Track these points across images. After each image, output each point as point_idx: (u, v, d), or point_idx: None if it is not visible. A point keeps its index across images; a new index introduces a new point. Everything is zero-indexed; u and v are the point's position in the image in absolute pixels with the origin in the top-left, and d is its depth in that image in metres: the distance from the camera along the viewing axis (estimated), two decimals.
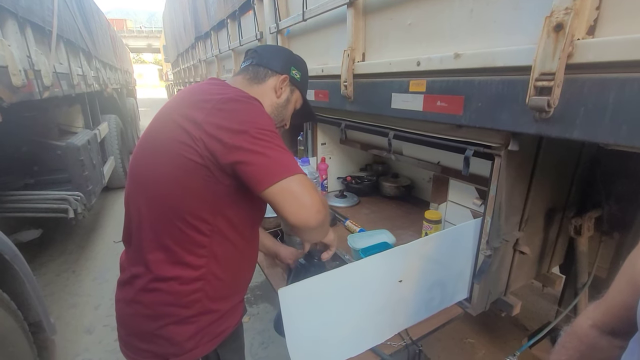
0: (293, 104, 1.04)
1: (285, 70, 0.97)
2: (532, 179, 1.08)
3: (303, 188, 0.69)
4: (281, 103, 0.98)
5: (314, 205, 0.69)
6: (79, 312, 2.31)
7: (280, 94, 0.97)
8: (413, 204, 2.06)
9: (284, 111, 1.00)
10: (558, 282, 1.35)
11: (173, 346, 0.77)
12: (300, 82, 1.03)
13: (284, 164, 0.69)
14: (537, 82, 0.74)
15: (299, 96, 1.05)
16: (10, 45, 1.52)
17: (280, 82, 0.96)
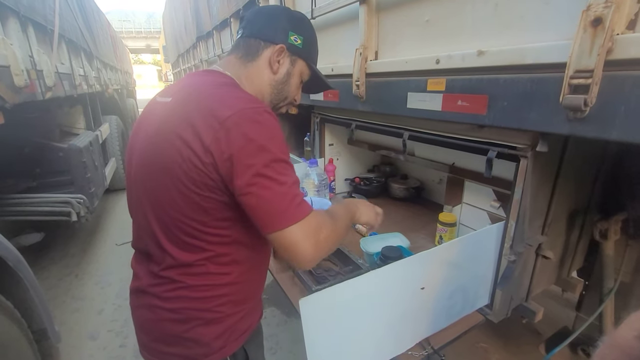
0: (297, 77, 0.87)
1: (281, 38, 0.81)
2: (557, 181, 1.04)
3: (305, 237, 0.64)
4: (280, 79, 0.84)
5: (315, 253, 0.66)
6: (82, 317, 2.27)
7: (278, 69, 0.83)
8: (423, 206, 2.02)
9: (285, 87, 0.86)
10: (579, 287, 1.31)
11: (202, 347, 0.76)
12: (303, 49, 0.85)
13: (288, 209, 0.63)
14: (572, 79, 0.70)
15: (304, 66, 0.88)
16: (13, 44, 1.48)
17: (276, 53, 0.81)
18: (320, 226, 0.67)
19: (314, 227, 0.66)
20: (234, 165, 0.62)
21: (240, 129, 0.62)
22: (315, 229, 0.66)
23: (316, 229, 0.66)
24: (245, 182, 0.62)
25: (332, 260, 1.43)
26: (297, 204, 0.64)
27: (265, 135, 0.64)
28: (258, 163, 0.62)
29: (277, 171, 0.64)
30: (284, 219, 0.63)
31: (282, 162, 0.65)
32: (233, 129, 0.62)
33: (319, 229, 0.67)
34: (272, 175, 0.63)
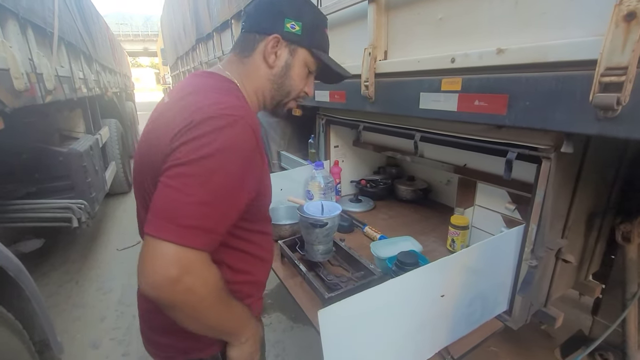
0: (301, 68, 0.79)
1: (275, 27, 0.74)
2: (578, 182, 1.00)
3: (168, 263, 0.54)
4: (278, 72, 0.77)
5: (159, 290, 0.54)
6: (84, 325, 2.22)
7: (274, 61, 0.76)
8: (431, 208, 1.99)
9: (286, 81, 0.78)
10: (597, 291, 1.28)
11: (193, 340, 0.74)
12: (303, 36, 0.76)
13: (175, 220, 0.55)
14: (603, 77, 0.67)
15: (307, 54, 0.78)
16: (12, 46, 1.44)
17: (270, 45, 0.74)
18: (195, 273, 0.56)
19: (186, 265, 0.54)
20: (172, 152, 0.58)
21: (200, 132, 0.58)
22: (185, 267, 0.54)
23: (189, 270, 0.55)
24: (167, 169, 0.58)
25: (343, 265, 1.40)
26: (184, 225, 0.55)
27: (214, 146, 0.57)
28: (183, 163, 0.57)
29: (190, 179, 0.56)
30: (157, 226, 0.55)
31: (206, 174, 0.57)
32: (194, 132, 0.58)
33: (192, 274, 0.55)
34: (183, 179, 0.56)
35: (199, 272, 0.57)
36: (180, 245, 0.54)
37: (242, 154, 0.61)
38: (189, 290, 0.56)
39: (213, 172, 0.57)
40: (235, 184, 0.60)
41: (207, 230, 0.57)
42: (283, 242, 1.47)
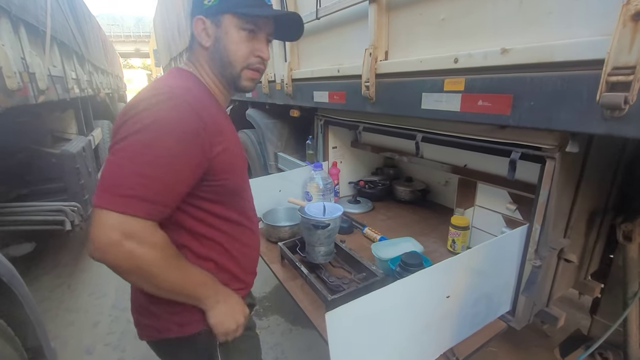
0: (232, 34, 0.74)
1: (197, 8, 0.75)
2: (580, 182, 1.01)
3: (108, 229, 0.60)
4: (212, 49, 0.76)
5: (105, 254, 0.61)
6: (77, 330, 2.17)
7: (207, 42, 0.76)
8: (429, 209, 1.99)
9: (223, 53, 0.76)
10: (597, 290, 1.28)
11: (163, 320, 0.77)
12: (219, 4, 0.73)
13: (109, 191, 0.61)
14: (611, 77, 0.67)
15: (232, 18, 0.74)
16: (4, 45, 1.40)
17: (199, 29, 0.76)
18: (142, 238, 0.62)
19: (126, 231, 0.60)
20: (115, 134, 0.64)
21: (135, 111, 0.63)
22: (126, 233, 0.60)
23: (130, 235, 0.60)
24: (110, 147, 0.64)
25: (344, 267, 1.38)
26: (122, 194, 0.60)
27: (143, 120, 0.62)
28: (122, 139, 0.62)
29: (127, 152, 0.61)
30: (99, 197, 0.60)
31: (139, 146, 0.61)
32: (130, 112, 0.63)
33: (134, 239, 0.61)
34: (122, 152, 0.62)
35: (142, 237, 0.62)
36: (119, 213, 0.60)
37: (178, 128, 0.64)
38: (132, 254, 0.61)
39: (147, 145, 0.61)
40: (173, 156, 0.63)
41: (146, 199, 0.62)
42: (283, 244, 1.46)
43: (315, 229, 1.23)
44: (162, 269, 0.66)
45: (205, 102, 0.72)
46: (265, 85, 2.39)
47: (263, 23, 0.77)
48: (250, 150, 2.98)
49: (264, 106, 2.73)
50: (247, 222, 0.87)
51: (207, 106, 0.72)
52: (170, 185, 0.65)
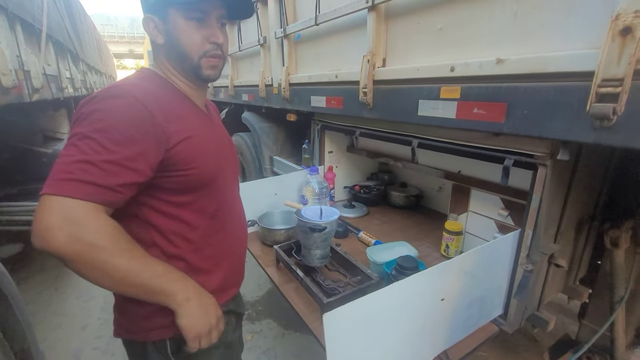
0: (180, 24, 0.73)
1: (145, 7, 0.75)
2: (570, 189, 1.04)
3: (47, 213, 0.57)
4: (166, 44, 0.76)
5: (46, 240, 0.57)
6: (65, 333, 2.12)
7: (158, 37, 0.76)
8: (423, 214, 2.02)
9: (176, 46, 0.75)
10: (585, 295, 1.32)
11: (133, 323, 0.76)
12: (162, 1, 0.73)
13: (51, 178, 0.60)
14: (600, 88, 0.70)
15: (178, 13, 0.72)
16: (1, 42, 1.39)
17: (150, 27, 0.75)
18: (84, 223, 0.59)
19: (66, 214, 0.57)
20: None
21: (83, 110, 0.65)
22: (71, 219, 0.58)
23: (70, 218, 0.58)
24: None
25: (340, 270, 1.39)
26: (62, 178, 0.59)
27: (85, 115, 0.63)
28: (71, 136, 0.63)
29: (73, 144, 0.62)
30: (45, 185, 0.59)
31: (81, 135, 0.62)
32: (79, 112, 0.65)
33: (81, 226, 0.58)
34: (67, 146, 0.63)
35: (85, 220, 0.59)
36: (59, 196, 0.58)
37: (124, 119, 0.64)
38: (74, 238, 0.58)
39: (87, 136, 0.61)
40: (117, 144, 0.62)
41: (86, 182, 0.59)
42: (279, 247, 1.46)
43: (312, 232, 1.24)
44: (109, 255, 0.60)
45: (158, 95, 0.71)
46: (262, 89, 2.41)
47: (209, 7, 0.74)
48: (246, 153, 2.98)
49: (260, 110, 2.74)
50: (226, 215, 0.84)
51: (160, 99, 0.70)
52: (114, 170, 0.62)
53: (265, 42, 2.31)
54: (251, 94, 2.69)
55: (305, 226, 1.25)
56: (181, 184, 0.73)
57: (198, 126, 0.77)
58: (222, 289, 0.85)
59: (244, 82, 2.89)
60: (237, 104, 3.13)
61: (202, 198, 0.78)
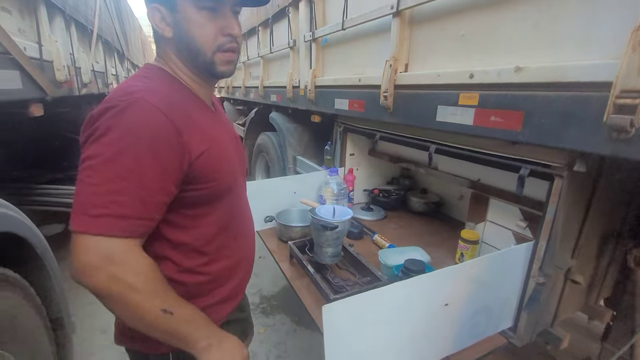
0: (193, 16, 0.66)
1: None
2: (591, 203, 1.01)
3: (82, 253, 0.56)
4: (176, 37, 0.68)
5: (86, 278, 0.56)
6: (95, 310, 2.29)
7: (166, 30, 0.68)
8: (442, 222, 1.99)
9: (190, 39, 0.67)
10: (607, 316, 1.25)
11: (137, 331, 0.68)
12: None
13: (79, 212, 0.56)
14: (618, 99, 0.69)
15: (189, 2, 0.65)
16: (57, 41, 1.56)
17: (157, 19, 0.67)
18: (118, 261, 0.56)
19: (103, 254, 0.55)
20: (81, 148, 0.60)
21: (97, 118, 0.59)
22: (105, 255, 0.55)
23: (110, 257, 0.56)
24: (79, 165, 0.59)
25: (350, 270, 1.42)
26: (95, 214, 0.55)
27: (107, 127, 0.57)
28: (87, 157, 0.58)
29: (95, 168, 0.56)
30: (73, 220, 0.56)
31: (107, 158, 0.56)
32: (92, 125, 0.59)
33: (114, 262, 0.56)
34: (88, 171, 0.57)
35: (124, 259, 0.57)
36: (95, 235, 0.55)
37: (145, 134, 0.58)
38: (113, 278, 0.56)
39: (111, 160, 0.56)
40: (143, 165, 0.58)
41: (122, 216, 0.57)
42: (293, 243, 1.51)
43: (324, 229, 1.27)
44: (143, 298, 0.58)
45: (172, 97, 0.65)
46: (290, 90, 2.48)
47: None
48: (271, 152, 3.07)
49: (287, 110, 2.82)
50: (238, 223, 0.81)
51: (178, 105, 0.65)
52: (146, 197, 0.59)
53: (294, 45, 2.38)
54: (279, 94, 2.78)
55: (318, 224, 1.29)
56: (199, 198, 0.69)
57: (212, 131, 0.72)
58: (230, 297, 0.82)
59: (273, 83, 2.98)
60: (266, 104, 3.23)
61: (218, 209, 0.74)
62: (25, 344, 1.13)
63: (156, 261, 0.64)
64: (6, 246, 1.12)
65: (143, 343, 0.73)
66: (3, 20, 1.20)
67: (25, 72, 1.29)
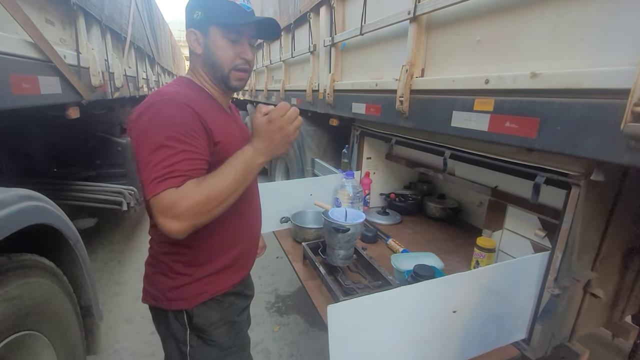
0: (219, 41, 0.85)
1: (190, 23, 0.88)
2: (613, 214, 0.97)
3: (159, 212, 0.72)
4: (204, 55, 0.88)
5: (174, 226, 0.72)
6: (121, 300, 2.43)
7: (199, 49, 0.88)
8: (460, 228, 1.95)
9: (213, 58, 0.87)
10: (632, 334, 1.19)
11: (159, 292, 0.90)
12: (205, 17, 0.85)
13: (147, 184, 0.73)
14: (637, 107, 0.67)
15: (217, 28, 0.85)
16: (94, 48, 1.68)
17: (192, 39, 0.88)
18: (175, 201, 0.71)
19: (167, 204, 0.71)
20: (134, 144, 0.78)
21: (139, 117, 0.76)
22: (168, 206, 0.71)
23: (170, 205, 0.71)
24: (136, 157, 0.76)
25: (362, 273, 1.43)
26: (155, 181, 0.72)
27: (150, 123, 0.75)
28: (141, 144, 0.75)
29: (149, 152, 0.73)
30: (146, 190, 0.73)
31: (156, 145, 0.73)
32: (136, 117, 0.77)
33: (174, 205, 0.71)
34: (145, 154, 0.74)
35: (176, 200, 0.71)
36: (156, 195, 0.72)
37: (181, 116, 0.76)
38: (192, 208, 0.72)
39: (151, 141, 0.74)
40: (174, 132, 0.74)
41: (164, 176, 0.72)
42: (307, 244, 1.54)
43: (336, 232, 1.29)
44: (214, 190, 0.74)
45: (196, 99, 0.82)
46: (310, 93, 2.52)
47: (244, 29, 0.87)
48: (290, 153, 3.13)
49: (306, 113, 2.86)
50: (246, 206, 0.96)
51: (199, 103, 0.81)
52: (178, 154, 0.74)
53: (315, 49, 2.42)
54: (299, 98, 2.83)
55: (330, 226, 1.31)
56: None
57: (227, 127, 0.89)
58: (232, 266, 0.96)
59: (294, 86, 3.04)
60: None
61: None
62: (57, 327, 1.22)
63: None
64: (43, 237, 1.22)
65: (162, 301, 0.90)
66: (47, 31, 1.31)
67: (64, 78, 1.40)
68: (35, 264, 1.11)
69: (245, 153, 0.79)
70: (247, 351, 1.09)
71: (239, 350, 1.02)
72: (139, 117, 0.77)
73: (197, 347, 0.93)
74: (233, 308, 0.98)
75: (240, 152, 0.79)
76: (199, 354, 0.93)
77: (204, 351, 0.94)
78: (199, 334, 0.93)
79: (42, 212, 1.14)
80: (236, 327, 1.00)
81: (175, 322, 0.91)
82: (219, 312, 0.94)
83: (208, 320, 0.92)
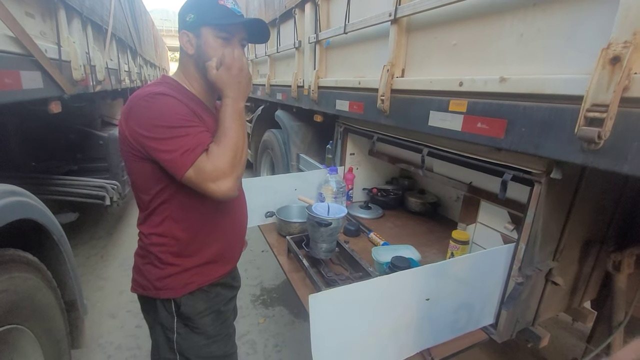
0: (211, 41, 0.89)
1: (182, 25, 0.92)
2: (572, 208, 1.05)
3: (199, 178, 0.79)
4: (196, 54, 0.91)
5: (219, 187, 0.79)
6: (105, 295, 2.42)
7: (191, 50, 0.91)
8: (438, 222, 2.04)
9: (206, 57, 0.90)
10: (590, 318, 1.29)
11: (147, 281, 0.94)
12: (197, 19, 0.89)
13: (179, 159, 0.78)
14: (588, 112, 0.74)
15: (209, 29, 0.89)
16: (75, 42, 1.65)
17: (184, 40, 0.92)
18: (215, 165, 0.79)
19: (210, 169, 0.78)
20: (137, 137, 0.81)
21: (133, 111, 0.82)
22: (211, 170, 0.78)
23: (213, 168, 0.78)
24: (149, 146, 0.80)
25: (344, 265, 1.48)
26: (186, 153, 0.78)
27: (152, 113, 0.80)
28: (151, 134, 0.79)
29: (165, 135, 0.79)
30: (178, 165, 0.79)
31: (167, 128, 0.79)
32: (128, 112, 0.83)
33: (216, 167, 0.79)
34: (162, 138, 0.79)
35: (213, 164, 0.79)
36: (187, 171, 0.79)
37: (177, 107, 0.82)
38: (222, 170, 0.80)
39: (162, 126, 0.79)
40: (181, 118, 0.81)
41: (191, 149, 0.79)
42: (291, 238, 1.58)
43: (319, 226, 1.34)
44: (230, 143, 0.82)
45: (182, 98, 0.87)
46: (295, 89, 2.55)
47: (235, 30, 0.91)
48: (276, 149, 3.15)
49: (291, 109, 2.88)
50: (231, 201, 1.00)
51: (185, 100, 0.87)
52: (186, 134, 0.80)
53: (300, 45, 2.44)
54: (285, 93, 2.85)
55: (313, 220, 1.36)
56: None
57: (211, 125, 0.92)
58: (218, 259, 1.00)
59: (279, 82, 3.05)
60: (272, 102, 3.31)
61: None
62: (42, 322, 1.23)
63: (162, 222, 0.90)
64: (26, 232, 1.22)
65: (151, 290, 0.93)
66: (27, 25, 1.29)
67: (45, 73, 1.38)
68: (19, 259, 1.12)
69: (228, 106, 0.86)
70: (232, 339, 1.13)
71: (224, 339, 1.06)
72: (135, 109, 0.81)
73: (184, 334, 0.97)
74: (219, 298, 1.03)
75: (223, 109, 0.86)
76: (185, 341, 0.97)
77: (190, 338, 0.98)
78: (186, 322, 0.97)
79: (25, 208, 1.14)
80: (222, 316, 1.04)
81: (163, 311, 0.95)
82: (205, 302, 0.98)
83: (195, 309, 0.96)
